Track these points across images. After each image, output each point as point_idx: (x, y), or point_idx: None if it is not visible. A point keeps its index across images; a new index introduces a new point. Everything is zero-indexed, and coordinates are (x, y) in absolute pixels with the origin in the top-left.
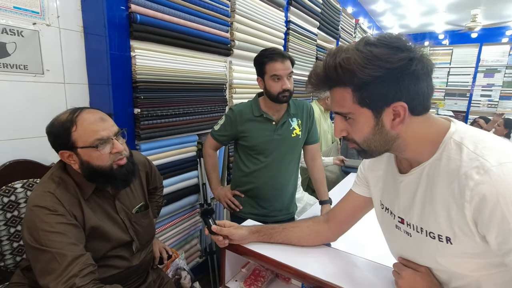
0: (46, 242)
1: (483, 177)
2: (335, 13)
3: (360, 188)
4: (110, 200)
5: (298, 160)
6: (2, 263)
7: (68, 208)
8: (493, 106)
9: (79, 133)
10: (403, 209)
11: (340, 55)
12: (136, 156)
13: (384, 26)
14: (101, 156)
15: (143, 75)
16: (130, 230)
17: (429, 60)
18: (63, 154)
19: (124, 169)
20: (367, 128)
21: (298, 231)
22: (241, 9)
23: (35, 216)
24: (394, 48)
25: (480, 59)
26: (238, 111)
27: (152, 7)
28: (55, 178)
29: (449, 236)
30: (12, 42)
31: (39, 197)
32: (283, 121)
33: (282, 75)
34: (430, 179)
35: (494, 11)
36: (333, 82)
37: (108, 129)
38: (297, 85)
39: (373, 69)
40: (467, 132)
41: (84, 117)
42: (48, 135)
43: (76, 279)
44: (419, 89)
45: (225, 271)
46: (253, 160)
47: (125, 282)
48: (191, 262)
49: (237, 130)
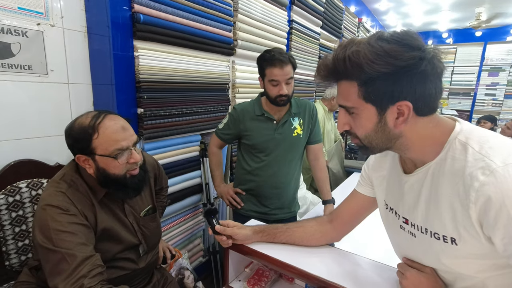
0: (57, 241)
1: (488, 178)
2: (338, 12)
3: (364, 188)
4: (120, 203)
5: (300, 160)
6: (7, 262)
7: (80, 208)
8: (497, 105)
9: (100, 141)
10: (407, 210)
11: (351, 47)
12: (147, 158)
13: (387, 25)
14: (118, 166)
15: (146, 75)
16: (138, 233)
17: (440, 62)
18: (79, 158)
19: (136, 178)
20: (370, 124)
21: (301, 231)
22: (244, 8)
23: (47, 215)
24: (405, 45)
25: (484, 58)
26: (241, 110)
27: (155, 7)
28: (67, 179)
29: (454, 237)
30: (17, 43)
31: (51, 197)
32: (284, 120)
33: (280, 81)
34: (435, 180)
35: (498, 9)
36: (341, 75)
37: (128, 139)
38: (301, 85)
39: (381, 65)
40: (473, 132)
41: (106, 124)
42: (67, 137)
43: (85, 280)
44: (426, 90)
45: (229, 271)
46: (254, 159)
47: (131, 283)
48: (194, 262)
49: (240, 129)
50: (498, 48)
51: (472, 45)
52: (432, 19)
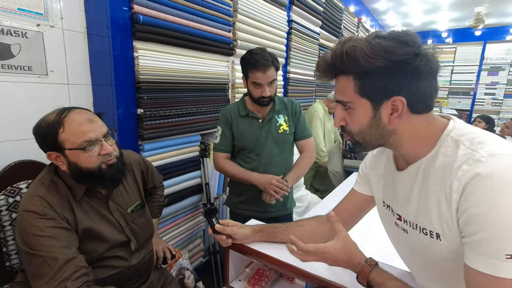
0: (37, 246)
1: (471, 167)
2: (338, 12)
3: (361, 187)
4: (103, 200)
5: (290, 156)
6: (7, 262)
7: (59, 212)
8: (497, 105)
9: (67, 134)
10: (400, 206)
11: (349, 43)
12: (129, 155)
13: (387, 25)
14: (89, 158)
15: (146, 76)
16: (126, 230)
17: (435, 60)
18: (50, 155)
19: (113, 168)
20: (364, 120)
21: (301, 230)
22: (243, 8)
23: (25, 221)
24: (401, 42)
25: (484, 57)
26: (228, 110)
27: (154, 8)
28: (45, 181)
29: (439, 233)
30: (17, 44)
31: (28, 202)
32: (269, 118)
33: (262, 83)
34: (426, 176)
35: (498, 8)
36: (338, 70)
37: (97, 130)
38: (301, 85)
39: (377, 60)
40: (465, 129)
41: (71, 118)
42: (35, 136)
43: (68, 282)
44: (421, 87)
45: (229, 271)
46: (245, 159)
47: (126, 282)
48: (194, 262)
49: (232, 129)
50: (498, 47)
51: (471, 45)
52: (432, 19)
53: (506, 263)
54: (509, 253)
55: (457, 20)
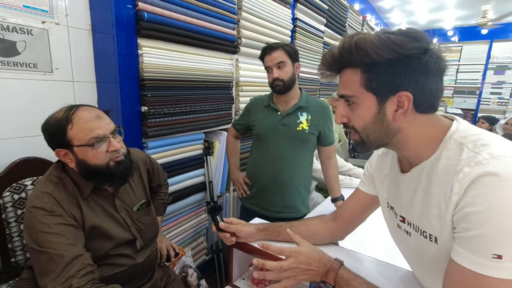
0: (44, 243)
1: (472, 169)
2: (342, 10)
3: (366, 186)
4: (110, 198)
5: (305, 158)
6: (13, 259)
7: (67, 209)
8: (503, 104)
9: (75, 131)
10: (404, 208)
11: (357, 36)
12: (136, 153)
13: (392, 23)
14: (97, 155)
15: (150, 73)
16: (132, 228)
17: (443, 60)
18: (59, 153)
19: (121, 166)
20: (369, 115)
21: (305, 229)
22: (248, 6)
23: (33, 217)
24: (411, 37)
25: (490, 56)
26: (254, 101)
27: (159, 5)
28: (53, 178)
29: (437, 236)
30: (22, 41)
31: (36, 198)
32: (289, 112)
33: (270, 66)
34: (429, 179)
35: (505, 6)
36: (346, 63)
37: (104, 127)
38: (305, 83)
39: (386, 52)
40: (468, 130)
41: (80, 114)
42: (44, 133)
43: (73, 280)
44: (428, 84)
45: (233, 270)
46: (260, 150)
47: (131, 280)
48: (197, 260)
49: (249, 119)
50: (504, 46)
51: (478, 43)
52: (437, 17)
53: (492, 262)
54: (497, 253)
55: (463, 18)
